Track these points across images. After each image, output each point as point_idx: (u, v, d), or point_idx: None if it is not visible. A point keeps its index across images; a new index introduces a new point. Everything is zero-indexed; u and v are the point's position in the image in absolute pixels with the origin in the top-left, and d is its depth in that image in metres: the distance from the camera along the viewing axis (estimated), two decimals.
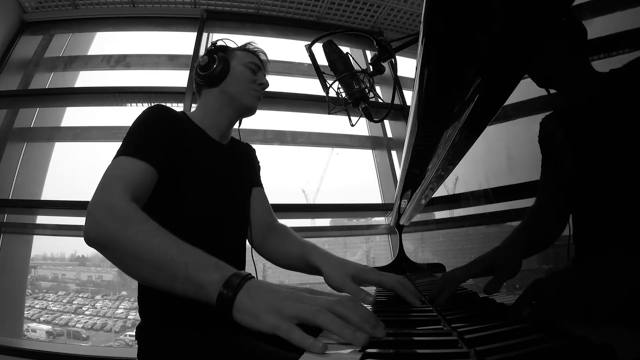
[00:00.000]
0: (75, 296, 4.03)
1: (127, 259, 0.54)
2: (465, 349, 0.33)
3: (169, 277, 0.49)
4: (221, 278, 0.46)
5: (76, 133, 2.59)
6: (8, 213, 2.28)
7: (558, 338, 0.30)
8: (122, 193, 0.61)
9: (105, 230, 0.55)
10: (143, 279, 0.55)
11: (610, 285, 0.28)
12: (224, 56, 0.92)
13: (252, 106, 0.94)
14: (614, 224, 0.28)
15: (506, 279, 0.42)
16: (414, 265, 1.27)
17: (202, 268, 0.48)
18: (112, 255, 0.56)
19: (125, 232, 0.53)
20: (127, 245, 0.53)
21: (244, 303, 0.44)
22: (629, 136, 0.25)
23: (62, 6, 2.57)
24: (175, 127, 0.80)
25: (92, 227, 0.57)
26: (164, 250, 0.51)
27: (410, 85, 0.80)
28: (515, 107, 0.43)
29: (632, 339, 0.25)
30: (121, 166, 0.67)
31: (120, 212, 0.57)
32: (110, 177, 0.65)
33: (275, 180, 1.78)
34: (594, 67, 0.29)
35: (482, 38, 0.38)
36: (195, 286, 0.47)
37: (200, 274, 0.47)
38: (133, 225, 0.54)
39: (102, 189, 0.62)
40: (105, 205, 0.58)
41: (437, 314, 0.50)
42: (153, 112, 0.79)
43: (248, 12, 2.72)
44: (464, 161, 0.65)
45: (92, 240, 0.57)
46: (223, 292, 0.45)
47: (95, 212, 0.58)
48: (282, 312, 0.42)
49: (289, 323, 0.41)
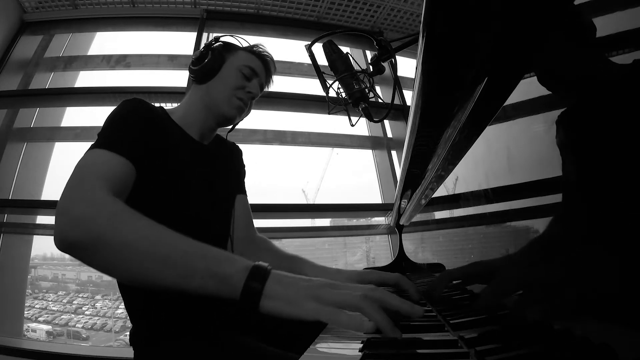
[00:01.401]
0: (75, 296, 4.03)
1: (124, 258, 0.47)
2: (465, 349, 0.33)
3: (182, 272, 0.45)
4: (245, 268, 0.44)
5: (76, 133, 2.59)
6: (8, 213, 2.28)
7: (558, 338, 0.30)
8: (103, 187, 0.54)
9: (91, 228, 0.47)
10: (146, 278, 0.47)
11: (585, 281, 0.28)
12: (221, 53, 0.86)
13: (230, 116, 0.86)
14: (630, 224, 0.28)
15: (504, 289, 0.39)
16: (414, 265, 1.27)
17: (222, 260, 0.46)
18: (99, 256, 0.48)
19: (123, 229, 0.47)
20: (125, 242, 0.47)
21: (276, 291, 0.43)
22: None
23: (62, 6, 2.57)
24: (154, 123, 0.74)
25: (70, 226, 0.48)
26: (174, 245, 0.46)
27: (410, 85, 0.80)
28: (515, 107, 0.44)
29: (632, 339, 0.25)
30: (98, 160, 0.60)
31: (108, 208, 0.50)
32: (87, 171, 0.57)
33: (275, 180, 1.78)
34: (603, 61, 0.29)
35: (482, 38, 0.38)
36: (217, 279, 0.44)
37: (222, 266, 0.45)
38: (129, 220, 0.49)
39: (77, 184, 0.54)
40: (87, 201, 0.50)
41: (437, 314, 0.50)
42: (131, 106, 0.72)
43: (248, 12, 2.72)
44: (464, 161, 0.65)
45: (71, 242, 0.49)
46: (249, 282, 0.43)
47: (73, 210, 0.50)
48: (320, 298, 0.42)
49: (330, 307, 0.41)
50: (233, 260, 0.46)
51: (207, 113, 0.86)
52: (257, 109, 0.95)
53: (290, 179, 4.83)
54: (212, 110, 0.85)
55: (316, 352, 0.40)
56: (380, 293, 0.42)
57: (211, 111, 0.85)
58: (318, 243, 2.91)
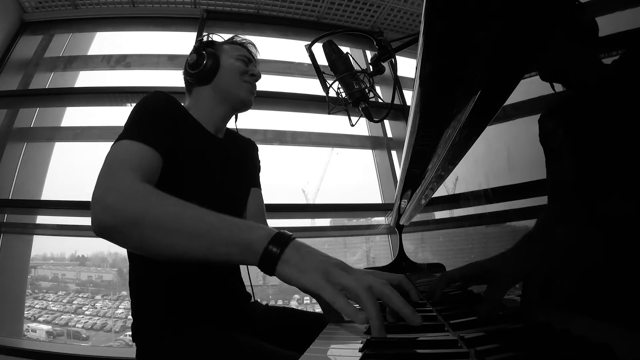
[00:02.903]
0: (75, 296, 4.03)
1: (155, 235, 0.51)
2: (465, 349, 0.33)
3: (208, 243, 0.49)
4: (267, 235, 0.47)
5: (76, 133, 2.59)
6: (8, 213, 2.28)
7: (558, 338, 0.30)
8: (133, 176, 0.58)
9: (124, 212, 0.52)
10: (175, 251, 0.51)
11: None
12: (213, 51, 0.89)
13: (247, 99, 0.91)
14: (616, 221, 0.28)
15: (501, 289, 0.41)
16: (414, 265, 1.27)
17: (245, 229, 0.49)
18: (134, 237, 0.52)
19: (152, 209, 0.51)
20: (156, 221, 0.51)
21: (293, 257, 0.45)
22: (632, 132, 0.25)
23: (62, 6, 2.57)
24: (178, 117, 0.78)
25: (105, 212, 0.53)
26: (200, 218, 0.50)
27: (410, 85, 0.80)
28: (515, 107, 0.44)
29: (632, 339, 0.25)
30: (127, 150, 0.64)
31: (139, 192, 0.54)
32: (117, 161, 0.61)
33: (275, 180, 1.79)
34: (597, 65, 0.29)
35: (482, 38, 0.38)
36: (240, 246, 0.47)
37: (245, 234, 0.48)
38: (158, 201, 0.53)
39: (109, 174, 0.59)
40: (119, 189, 0.55)
41: (437, 314, 0.50)
42: (156, 98, 0.76)
43: (248, 12, 2.72)
44: (464, 161, 0.65)
45: (107, 226, 0.53)
46: (269, 247, 0.46)
47: (106, 197, 0.54)
48: (329, 275, 0.43)
49: (334, 288, 0.42)
50: (256, 228, 0.49)
51: (222, 105, 0.90)
52: (257, 109, 0.96)
53: (290, 179, 4.83)
54: (228, 100, 0.90)
55: (316, 352, 0.40)
56: (387, 289, 0.43)
57: (227, 101, 0.90)
58: (318, 243, 2.91)
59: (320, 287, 0.43)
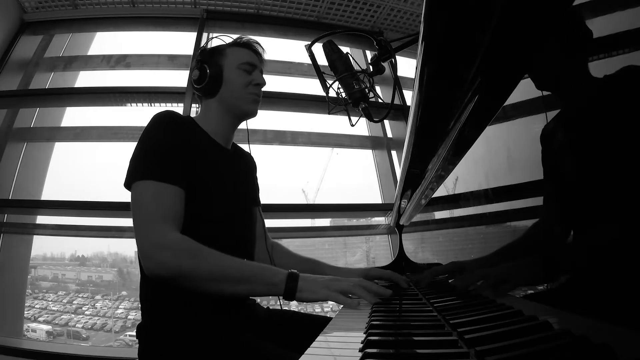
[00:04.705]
0: (75, 296, 4.03)
1: (208, 285, 0.67)
2: (465, 349, 0.33)
3: (249, 286, 0.69)
4: (284, 276, 0.68)
5: (76, 133, 2.59)
6: (8, 213, 2.28)
7: (558, 338, 0.30)
8: (171, 229, 0.69)
9: (179, 270, 0.66)
10: (223, 293, 0.69)
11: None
12: (216, 62, 0.88)
13: (251, 110, 0.92)
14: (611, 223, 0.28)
15: (467, 281, 0.62)
16: (414, 265, 1.27)
17: (270, 275, 0.69)
18: (187, 284, 0.67)
19: (203, 266, 0.67)
20: (208, 274, 0.67)
21: (304, 286, 0.67)
22: (627, 137, 0.25)
23: (62, 6, 2.57)
24: (188, 137, 0.80)
25: (160, 269, 0.66)
26: (239, 269, 0.69)
27: (410, 85, 0.80)
28: (515, 107, 0.44)
29: (632, 339, 0.25)
30: (156, 196, 0.71)
31: (187, 251, 0.67)
32: (151, 211, 0.70)
33: (275, 180, 1.79)
34: (594, 68, 0.29)
35: (482, 38, 0.38)
36: (269, 285, 0.68)
37: (273, 277, 0.69)
38: (205, 259, 0.67)
39: (149, 227, 0.68)
40: (167, 247, 0.66)
41: (437, 314, 0.51)
42: (165, 123, 0.77)
43: (248, 12, 2.72)
44: (464, 161, 0.65)
45: (162, 278, 0.67)
46: (288, 284, 0.67)
47: (155, 256, 0.66)
48: (330, 287, 0.67)
49: (336, 292, 0.66)
50: (277, 272, 0.69)
51: (228, 116, 0.91)
52: (258, 109, 0.96)
53: (290, 179, 4.84)
54: (233, 111, 0.91)
55: (316, 351, 0.40)
56: (366, 282, 0.69)
57: (232, 112, 0.91)
58: (318, 243, 2.91)
59: (328, 296, 0.67)
